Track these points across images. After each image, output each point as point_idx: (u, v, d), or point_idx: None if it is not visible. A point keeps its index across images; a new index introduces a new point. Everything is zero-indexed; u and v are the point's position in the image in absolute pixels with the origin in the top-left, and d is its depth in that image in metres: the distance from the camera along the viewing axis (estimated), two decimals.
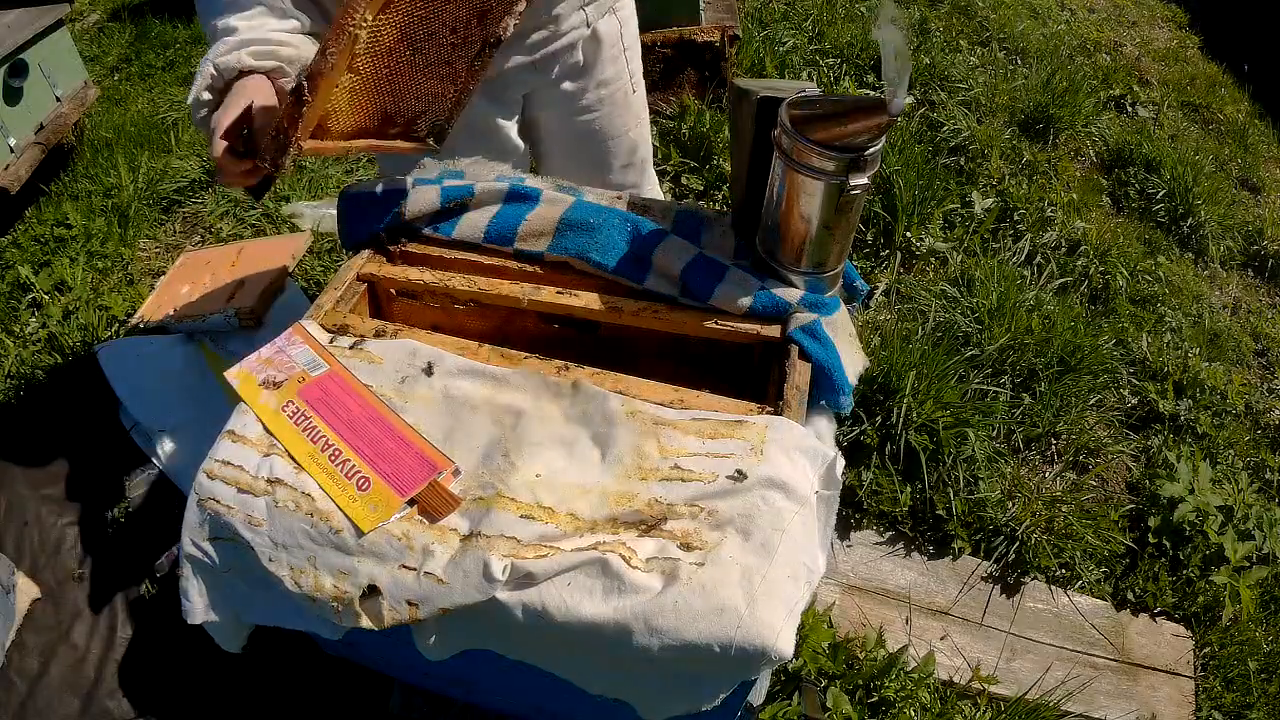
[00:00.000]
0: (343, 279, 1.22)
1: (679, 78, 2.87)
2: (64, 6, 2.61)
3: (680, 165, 2.72)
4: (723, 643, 0.83)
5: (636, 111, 1.62)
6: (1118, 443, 2.11)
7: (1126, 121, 3.18)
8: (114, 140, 2.92)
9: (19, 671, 1.59)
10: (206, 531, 0.99)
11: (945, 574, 1.86)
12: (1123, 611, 1.83)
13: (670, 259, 1.17)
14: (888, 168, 2.52)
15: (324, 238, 2.45)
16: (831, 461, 0.97)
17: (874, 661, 1.64)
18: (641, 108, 1.64)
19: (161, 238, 2.61)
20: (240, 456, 0.99)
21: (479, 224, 1.25)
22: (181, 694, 1.58)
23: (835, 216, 1.06)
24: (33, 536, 1.78)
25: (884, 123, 0.93)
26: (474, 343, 1.11)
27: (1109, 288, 2.47)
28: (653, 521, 0.91)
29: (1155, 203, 2.78)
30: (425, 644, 0.95)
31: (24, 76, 2.48)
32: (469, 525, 0.93)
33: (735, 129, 1.24)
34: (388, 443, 0.99)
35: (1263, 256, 2.71)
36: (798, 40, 3.24)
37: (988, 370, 2.12)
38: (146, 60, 3.47)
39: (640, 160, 1.68)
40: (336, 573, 0.93)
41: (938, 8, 3.65)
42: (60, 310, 2.30)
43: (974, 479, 1.93)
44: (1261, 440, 2.16)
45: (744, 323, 1.14)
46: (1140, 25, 3.90)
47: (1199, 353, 2.30)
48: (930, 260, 2.48)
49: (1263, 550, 1.87)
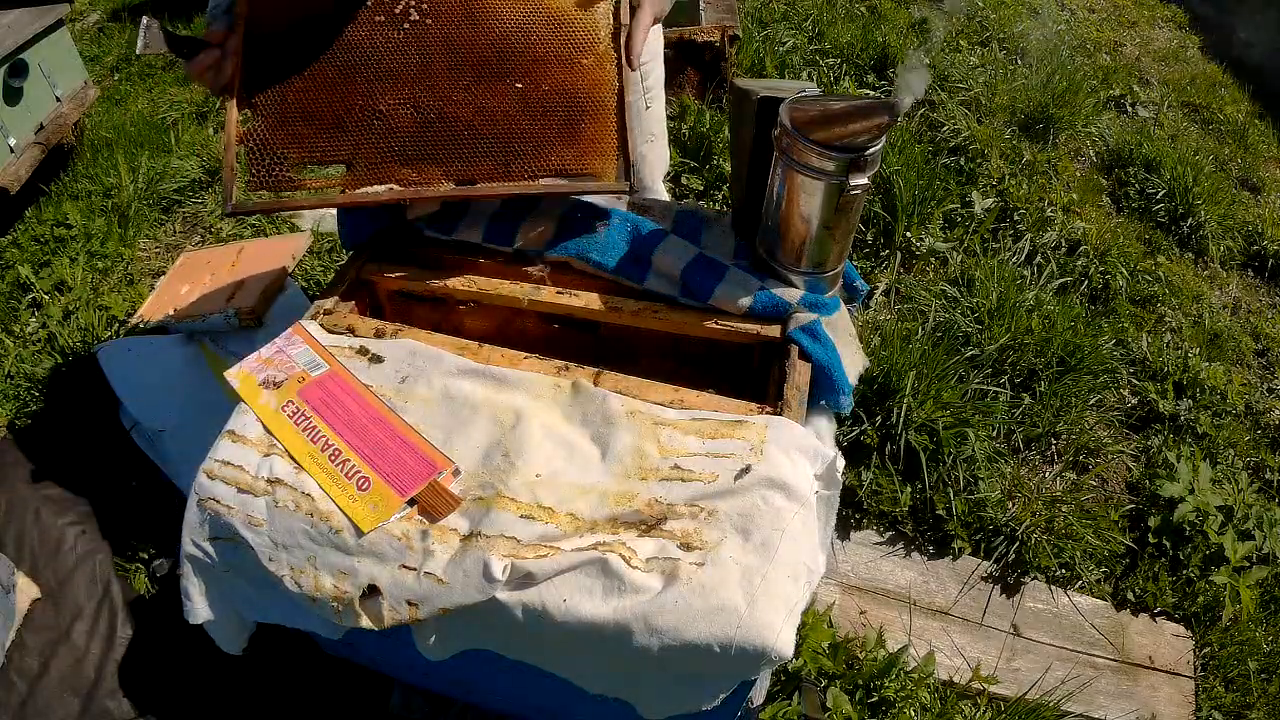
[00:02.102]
0: (343, 279, 1.22)
1: (679, 78, 2.87)
2: (64, 6, 2.61)
3: (680, 165, 2.72)
4: (723, 643, 0.83)
5: (649, 127, 1.58)
6: (1118, 443, 2.11)
7: (1126, 121, 3.18)
8: (114, 140, 2.92)
9: (19, 671, 1.59)
10: (207, 531, 0.99)
11: (945, 574, 1.85)
12: (1123, 611, 1.83)
13: (670, 259, 1.17)
14: (888, 168, 2.52)
15: (324, 238, 2.45)
16: (831, 461, 0.97)
17: (874, 661, 1.64)
18: (655, 123, 1.59)
19: (161, 238, 2.61)
20: (240, 456, 0.99)
21: (479, 224, 1.25)
22: (181, 694, 1.58)
23: (835, 216, 1.06)
24: (33, 536, 1.78)
25: (884, 123, 0.93)
26: (474, 343, 1.11)
27: (1109, 288, 2.47)
28: (653, 521, 0.91)
29: (1155, 203, 2.77)
30: (425, 644, 0.95)
31: (24, 76, 2.48)
32: (469, 525, 0.93)
33: (735, 129, 1.24)
34: (388, 443, 0.99)
35: (1263, 256, 2.71)
36: (798, 40, 3.24)
37: (988, 370, 2.12)
38: (146, 60, 3.47)
39: (647, 176, 1.64)
40: (336, 573, 0.93)
41: (938, 7, 3.65)
42: (60, 310, 2.30)
43: (974, 479, 1.93)
44: (1261, 440, 2.16)
45: (744, 323, 1.14)
46: (1140, 25, 3.90)
47: (1199, 353, 2.30)
48: (930, 260, 2.48)
49: (1263, 550, 1.87)
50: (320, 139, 1.12)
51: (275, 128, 1.11)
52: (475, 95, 1.15)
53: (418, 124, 1.14)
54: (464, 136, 1.15)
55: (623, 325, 1.19)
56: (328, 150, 1.13)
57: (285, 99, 1.12)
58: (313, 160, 1.13)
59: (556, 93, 1.16)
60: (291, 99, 1.12)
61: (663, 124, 1.63)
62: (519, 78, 1.15)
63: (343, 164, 1.13)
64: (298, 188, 1.12)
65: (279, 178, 1.11)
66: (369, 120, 1.13)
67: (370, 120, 1.13)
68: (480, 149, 1.15)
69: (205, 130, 3.03)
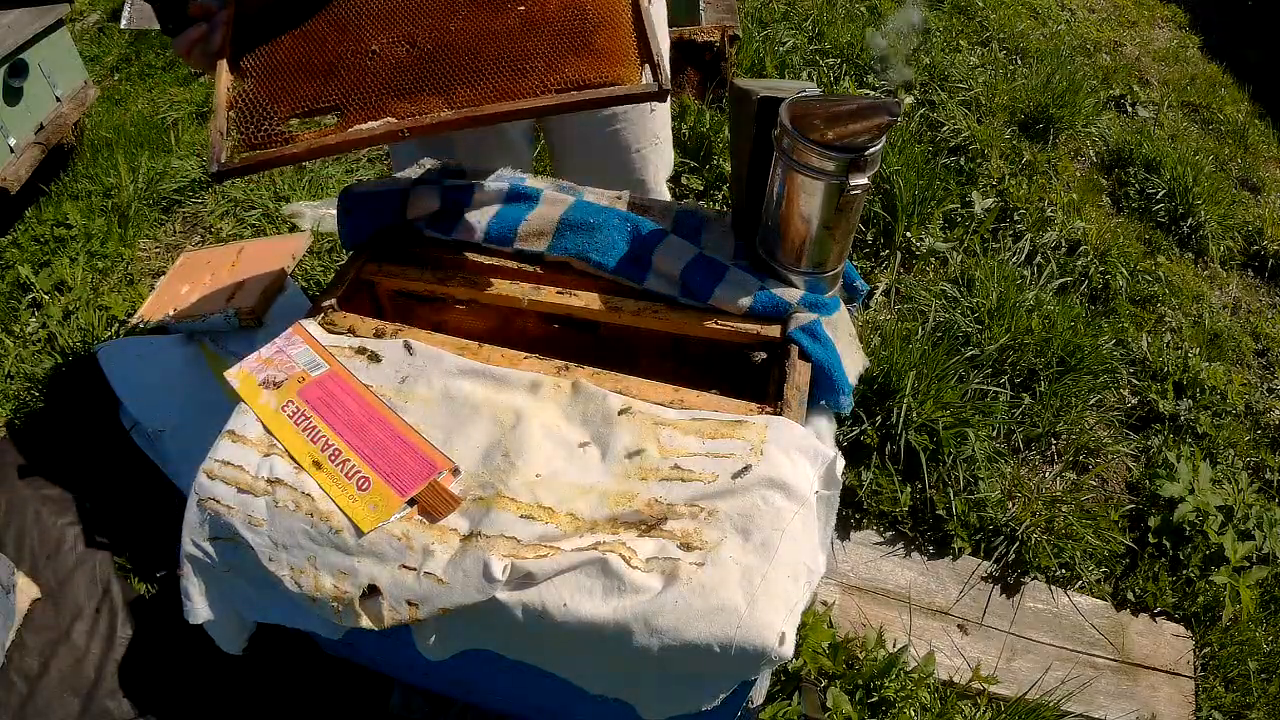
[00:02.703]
0: (343, 279, 1.22)
1: (679, 78, 2.87)
2: (64, 6, 2.61)
3: (680, 165, 2.72)
4: (723, 643, 0.83)
5: (654, 129, 1.56)
6: (1118, 443, 2.11)
7: (1126, 121, 3.18)
8: (114, 140, 2.92)
9: (19, 671, 1.59)
10: (206, 531, 0.99)
11: (945, 574, 1.85)
12: (1123, 611, 1.83)
13: (670, 259, 1.17)
14: (888, 168, 2.52)
15: (324, 238, 2.45)
16: (831, 461, 0.97)
17: (874, 661, 1.64)
18: (661, 126, 1.57)
19: (161, 238, 2.61)
20: (240, 456, 1.00)
21: (479, 224, 1.24)
22: (181, 694, 1.58)
23: (835, 216, 1.06)
24: (33, 536, 1.78)
25: (884, 123, 0.93)
26: (474, 343, 1.11)
27: (1109, 288, 2.47)
28: (653, 521, 0.91)
29: (1155, 203, 2.77)
30: (425, 644, 0.95)
31: (24, 76, 2.48)
32: (469, 525, 0.93)
33: (735, 129, 1.24)
34: (388, 443, 0.99)
35: (1263, 256, 2.71)
36: (798, 40, 3.24)
37: (988, 370, 2.12)
38: (146, 60, 3.47)
39: (650, 179, 1.63)
40: (336, 573, 0.93)
41: (938, 7, 3.65)
42: (60, 310, 2.30)
43: (974, 479, 1.93)
44: (1261, 440, 2.16)
45: (744, 323, 1.14)
46: (1140, 25, 3.89)
47: (1199, 353, 2.30)
48: (930, 260, 2.48)
49: (1263, 550, 1.87)
50: (309, 87, 1.04)
51: (263, 84, 1.04)
52: (475, 22, 1.07)
53: (415, 58, 1.04)
54: (464, 62, 1.04)
55: (623, 325, 1.19)
56: (319, 97, 1.03)
57: (275, 57, 1.06)
58: (303, 111, 1.04)
59: (564, 9, 1.07)
60: (281, 56, 1.05)
61: (668, 128, 1.62)
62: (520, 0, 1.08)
63: (335, 109, 1.04)
64: (288, 140, 1.01)
65: (269, 134, 1.02)
66: (361, 62, 1.05)
67: (363, 62, 1.04)
68: (484, 70, 1.03)
69: (205, 130, 3.03)
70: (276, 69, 1.05)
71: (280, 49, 1.07)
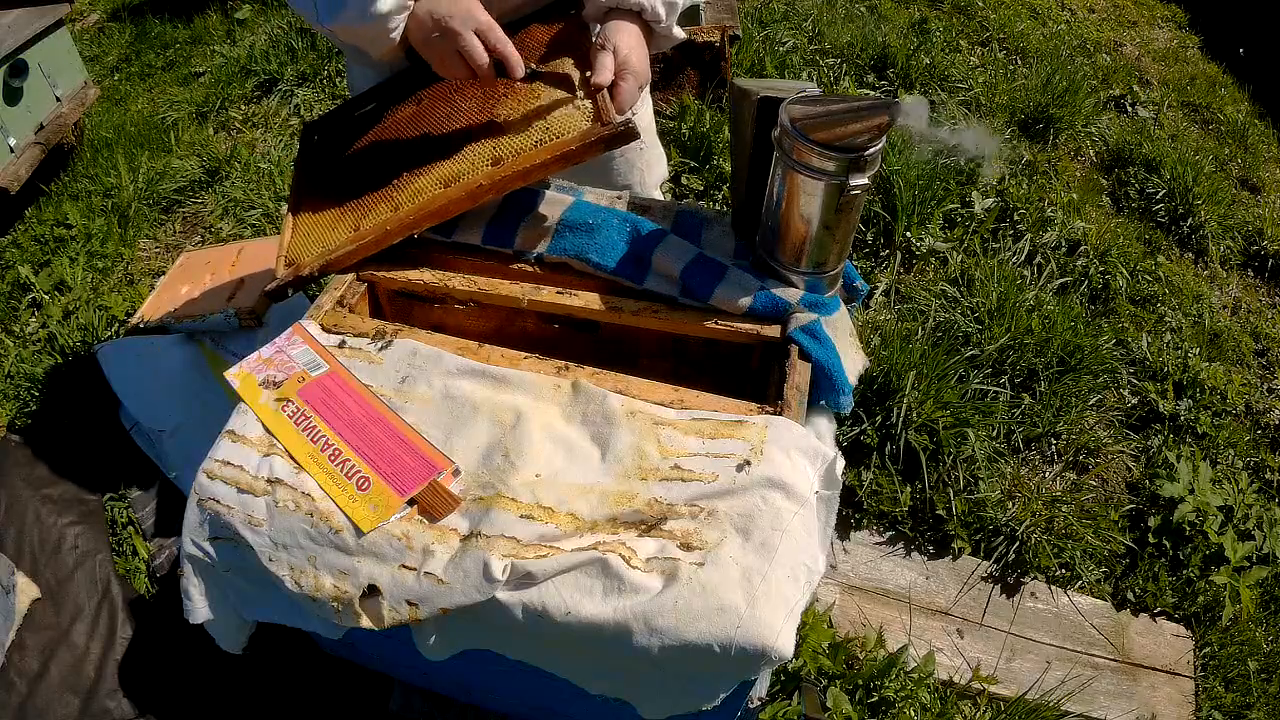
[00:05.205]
0: (343, 279, 1.22)
1: (679, 78, 2.87)
2: (64, 6, 2.61)
3: (680, 165, 2.72)
4: (723, 643, 0.83)
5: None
6: (1118, 443, 2.11)
7: (1126, 121, 3.18)
8: (114, 140, 2.92)
9: (19, 671, 1.59)
10: (207, 531, 0.99)
11: (945, 574, 1.85)
12: (1123, 611, 1.83)
13: (670, 259, 1.17)
14: (888, 168, 2.52)
15: None
16: (831, 461, 0.97)
17: (874, 661, 1.64)
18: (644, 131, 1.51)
19: (161, 238, 2.61)
20: (240, 456, 0.99)
21: (478, 225, 1.25)
22: (181, 694, 1.58)
23: (835, 216, 1.06)
24: (33, 536, 1.78)
25: (884, 123, 0.93)
26: (474, 343, 1.11)
27: (1109, 288, 2.47)
28: (653, 521, 0.91)
29: (1155, 203, 2.78)
30: (425, 644, 0.95)
31: (24, 76, 2.48)
32: (469, 525, 0.93)
33: (735, 129, 1.24)
34: (388, 443, 0.99)
35: (1263, 256, 2.71)
36: (798, 40, 3.24)
37: (988, 370, 2.12)
38: (146, 60, 3.47)
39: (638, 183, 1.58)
40: (336, 573, 0.93)
41: (938, 7, 3.65)
42: (60, 310, 2.30)
43: (974, 479, 1.93)
44: (1261, 440, 2.16)
45: (744, 323, 1.14)
46: (1140, 25, 3.90)
47: (1199, 353, 2.30)
48: (930, 260, 2.48)
49: (1263, 550, 1.87)
50: (327, 234, 1.25)
51: (300, 246, 1.26)
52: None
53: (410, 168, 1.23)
54: (453, 141, 1.22)
55: (623, 325, 1.19)
56: (334, 238, 1.24)
57: (310, 214, 1.29)
58: (326, 252, 1.22)
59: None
60: (310, 212, 1.30)
61: (651, 130, 1.58)
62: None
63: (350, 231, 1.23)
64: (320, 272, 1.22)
65: (305, 278, 1.22)
66: (369, 195, 1.25)
67: (370, 200, 1.25)
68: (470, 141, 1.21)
69: (205, 130, 3.03)
70: (309, 231, 1.28)
71: (309, 203, 1.32)
